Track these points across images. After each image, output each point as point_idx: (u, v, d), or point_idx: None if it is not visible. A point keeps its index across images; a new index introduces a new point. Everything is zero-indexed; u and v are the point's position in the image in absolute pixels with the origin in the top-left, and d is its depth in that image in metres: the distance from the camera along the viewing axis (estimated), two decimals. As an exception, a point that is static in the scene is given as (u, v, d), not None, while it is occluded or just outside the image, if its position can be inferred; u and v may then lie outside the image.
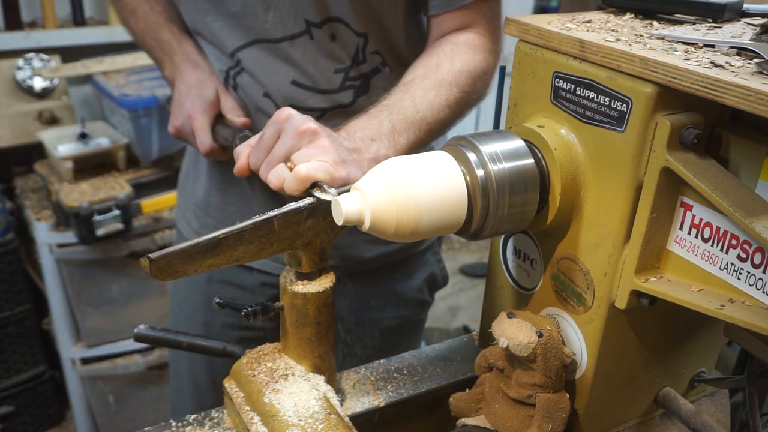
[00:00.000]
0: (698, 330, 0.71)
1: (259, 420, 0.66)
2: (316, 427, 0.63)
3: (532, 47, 0.64)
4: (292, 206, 0.65)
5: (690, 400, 0.72)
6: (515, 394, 0.63)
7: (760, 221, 0.50)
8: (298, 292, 0.68)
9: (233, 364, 0.74)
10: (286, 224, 0.64)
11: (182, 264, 0.60)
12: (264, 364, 0.72)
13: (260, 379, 0.69)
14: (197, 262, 0.61)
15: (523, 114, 0.67)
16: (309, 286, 0.68)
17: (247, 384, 0.70)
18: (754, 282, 0.52)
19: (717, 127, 0.57)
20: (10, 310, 1.91)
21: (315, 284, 0.69)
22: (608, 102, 0.57)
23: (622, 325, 0.64)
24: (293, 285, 0.69)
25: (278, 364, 0.71)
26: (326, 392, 0.69)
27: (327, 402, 0.67)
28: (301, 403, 0.66)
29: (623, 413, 0.72)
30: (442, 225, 0.58)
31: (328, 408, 0.66)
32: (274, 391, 0.67)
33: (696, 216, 0.56)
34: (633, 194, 0.57)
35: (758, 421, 0.65)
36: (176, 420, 0.73)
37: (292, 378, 0.70)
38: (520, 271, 0.73)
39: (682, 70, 0.51)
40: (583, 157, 0.61)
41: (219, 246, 0.61)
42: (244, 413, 0.67)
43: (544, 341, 0.60)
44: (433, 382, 0.79)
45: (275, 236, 0.64)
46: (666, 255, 0.59)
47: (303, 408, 0.65)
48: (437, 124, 0.87)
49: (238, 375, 0.72)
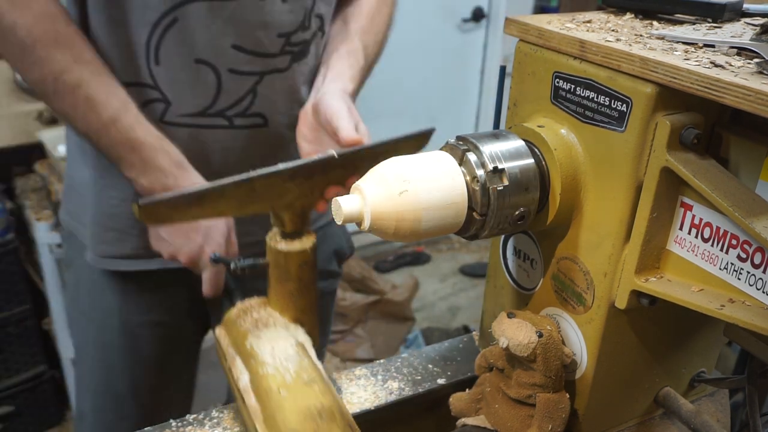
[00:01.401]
0: (698, 330, 0.71)
1: (240, 361, 0.73)
2: (288, 368, 0.69)
3: (532, 47, 0.64)
4: (272, 168, 0.69)
5: (690, 400, 0.72)
6: (515, 394, 0.63)
7: (760, 221, 0.50)
8: (281, 250, 0.74)
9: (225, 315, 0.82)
10: (265, 185, 0.69)
11: (168, 211, 0.67)
12: (250, 314, 0.79)
13: (245, 327, 0.77)
14: (182, 211, 0.68)
15: (523, 114, 0.67)
16: (291, 245, 0.74)
17: (234, 331, 0.77)
18: (754, 282, 0.52)
19: (717, 127, 0.57)
20: (9, 310, 1.91)
21: (296, 243, 0.74)
22: (608, 102, 0.57)
23: (622, 325, 0.64)
24: (277, 243, 0.74)
25: (262, 315, 0.79)
26: (304, 341, 0.75)
27: (302, 348, 0.73)
28: (279, 348, 0.73)
29: (623, 413, 0.72)
30: (442, 225, 0.58)
31: (302, 353, 0.72)
32: (255, 337, 0.74)
33: (696, 216, 0.56)
34: (633, 194, 0.57)
35: (758, 421, 0.65)
36: (176, 420, 0.73)
37: (273, 327, 0.77)
38: (520, 271, 0.73)
39: (682, 70, 0.51)
40: (583, 157, 0.61)
41: (203, 198, 0.67)
42: (229, 356, 0.75)
43: (544, 341, 0.60)
44: (433, 382, 0.79)
45: (256, 195, 0.70)
46: (666, 255, 0.59)
47: (279, 352, 0.72)
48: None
49: (228, 323, 0.79)
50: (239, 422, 0.73)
